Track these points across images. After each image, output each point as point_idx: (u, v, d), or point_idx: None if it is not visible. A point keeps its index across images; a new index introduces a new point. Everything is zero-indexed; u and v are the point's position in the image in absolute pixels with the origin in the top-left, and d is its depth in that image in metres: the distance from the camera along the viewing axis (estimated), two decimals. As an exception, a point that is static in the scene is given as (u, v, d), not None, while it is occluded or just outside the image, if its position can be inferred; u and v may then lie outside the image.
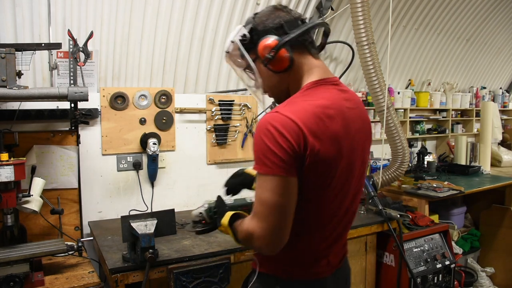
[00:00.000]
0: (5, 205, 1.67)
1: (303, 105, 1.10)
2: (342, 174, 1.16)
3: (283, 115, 1.06)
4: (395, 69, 4.03)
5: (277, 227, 1.08)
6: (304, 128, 1.05)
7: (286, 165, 1.04)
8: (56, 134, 2.14)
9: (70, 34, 2.14)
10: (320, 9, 3.07)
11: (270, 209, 1.07)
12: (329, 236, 1.25)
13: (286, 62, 1.18)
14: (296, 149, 1.04)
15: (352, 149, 1.18)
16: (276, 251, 1.12)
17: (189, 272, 1.75)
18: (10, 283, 1.57)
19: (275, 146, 1.04)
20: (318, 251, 1.24)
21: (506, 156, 4.47)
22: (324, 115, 1.10)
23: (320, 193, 1.15)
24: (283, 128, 1.04)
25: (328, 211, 1.20)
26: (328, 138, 1.09)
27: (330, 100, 1.15)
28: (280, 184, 1.05)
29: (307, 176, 1.09)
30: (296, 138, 1.04)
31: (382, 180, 2.85)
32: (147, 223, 1.69)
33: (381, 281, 2.53)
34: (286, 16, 1.21)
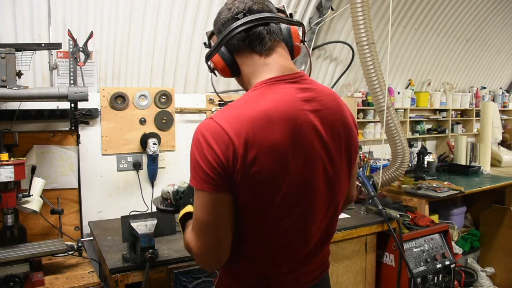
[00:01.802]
0: (5, 205, 1.67)
1: (240, 111, 0.97)
2: (292, 188, 1.00)
3: (216, 123, 0.95)
4: (395, 69, 4.03)
5: (211, 246, 1.00)
6: (236, 138, 0.92)
7: (213, 181, 0.94)
8: (56, 134, 2.14)
9: (70, 34, 2.14)
10: (320, 9, 3.07)
11: (202, 227, 0.99)
12: (295, 257, 1.10)
13: (226, 68, 1.10)
14: (224, 163, 0.92)
15: (308, 159, 1.01)
16: (215, 269, 1.06)
17: (189, 272, 1.75)
18: (10, 283, 1.57)
19: (202, 159, 0.94)
20: (282, 273, 1.10)
21: (506, 156, 4.47)
22: (263, 121, 0.95)
23: (267, 210, 1.00)
24: (212, 139, 0.93)
25: (283, 231, 1.04)
26: (266, 148, 0.94)
27: (278, 102, 0.99)
28: (208, 201, 0.96)
29: (244, 192, 0.96)
30: (225, 150, 0.92)
31: (382, 180, 2.85)
32: (147, 223, 1.69)
33: (381, 281, 2.53)
34: (225, 17, 1.10)
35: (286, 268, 1.10)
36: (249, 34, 1.06)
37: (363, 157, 3.32)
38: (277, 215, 1.02)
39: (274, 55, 1.08)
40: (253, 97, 1.01)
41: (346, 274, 2.36)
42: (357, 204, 2.75)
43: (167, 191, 1.39)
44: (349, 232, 2.30)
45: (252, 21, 1.05)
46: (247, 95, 1.03)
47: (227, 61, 1.09)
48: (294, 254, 1.10)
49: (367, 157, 3.35)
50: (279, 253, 1.08)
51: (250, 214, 1.00)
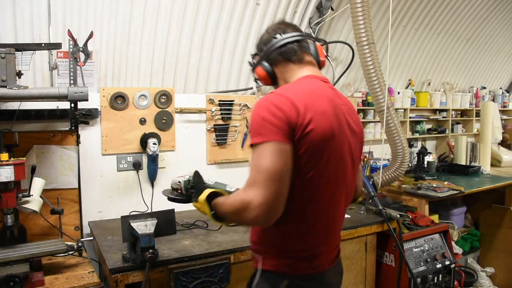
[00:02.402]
0: (5, 205, 1.67)
1: (294, 88, 1.24)
2: (334, 153, 1.21)
3: (277, 93, 1.19)
4: (395, 69, 4.03)
5: (276, 193, 1.10)
6: (297, 102, 1.15)
7: (281, 132, 1.12)
8: (56, 134, 2.14)
9: (70, 34, 2.14)
10: (320, 9, 3.07)
11: (269, 174, 1.10)
12: (327, 226, 1.30)
13: (267, 77, 1.38)
14: (290, 119, 1.13)
15: (341, 133, 1.24)
16: (272, 221, 1.13)
17: (189, 272, 1.75)
18: (10, 283, 1.58)
19: (271, 116, 1.13)
20: (318, 242, 1.28)
21: (506, 156, 4.47)
22: (313, 95, 1.21)
23: (316, 170, 1.19)
24: (278, 102, 1.15)
25: (325, 194, 1.24)
26: (319, 113, 1.17)
27: (319, 87, 1.27)
28: (277, 149, 1.11)
29: (300, 148, 1.15)
30: (289, 110, 1.14)
31: (382, 180, 2.85)
32: (147, 223, 1.70)
33: (381, 281, 2.53)
34: (265, 37, 1.40)
35: (322, 240, 1.29)
36: (286, 49, 1.34)
37: (363, 157, 3.32)
38: (326, 175, 1.21)
39: (307, 64, 1.36)
40: (299, 82, 1.29)
41: (346, 274, 2.36)
42: (357, 204, 2.75)
43: (178, 181, 1.49)
44: (349, 232, 2.30)
45: (285, 38, 1.35)
46: (293, 82, 1.30)
47: (268, 71, 1.37)
48: (328, 226, 1.29)
49: (367, 157, 3.35)
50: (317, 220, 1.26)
51: (301, 170, 1.16)
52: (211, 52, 2.81)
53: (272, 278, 1.27)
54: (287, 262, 1.25)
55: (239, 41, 2.88)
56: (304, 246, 1.26)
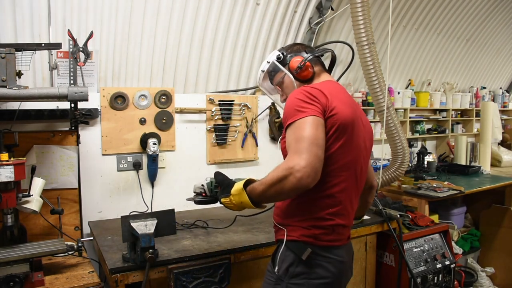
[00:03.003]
0: (5, 205, 1.67)
1: (319, 86, 1.43)
2: (351, 137, 1.41)
3: (307, 86, 1.43)
4: (395, 69, 4.03)
5: (318, 156, 1.26)
6: (324, 91, 1.39)
7: (317, 109, 1.34)
8: (56, 134, 2.14)
9: (70, 34, 2.14)
10: (320, 9, 3.07)
11: (310, 140, 1.27)
12: (345, 200, 1.45)
13: (310, 72, 1.57)
14: (321, 102, 1.36)
15: (357, 124, 1.45)
16: (314, 182, 1.26)
17: (189, 272, 1.75)
18: (10, 283, 1.58)
19: (307, 99, 1.35)
20: (339, 213, 1.44)
21: (506, 156, 4.47)
22: (336, 90, 1.46)
23: (338, 147, 1.38)
24: (311, 90, 1.38)
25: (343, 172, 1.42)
26: (341, 102, 1.40)
27: (338, 86, 1.54)
28: (316, 121, 1.31)
29: (328, 126, 1.35)
30: (320, 97, 1.37)
31: (382, 180, 2.85)
32: (147, 223, 1.69)
33: (381, 281, 2.53)
34: (303, 47, 1.66)
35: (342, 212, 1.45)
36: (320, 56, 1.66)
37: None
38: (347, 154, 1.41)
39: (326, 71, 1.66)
40: (323, 82, 1.53)
41: (346, 274, 2.36)
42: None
43: (201, 185, 1.62)
44: (349, 232, 2.30)
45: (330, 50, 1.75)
46: (318, 82, 1.53)
47: (313, 66, 1.60)
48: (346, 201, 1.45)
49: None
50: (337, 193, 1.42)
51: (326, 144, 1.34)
52: (211, 52, 2.81)
53: (296, 247, 1.42)
54: (311, 232, 1.41)
55: (239, 41, 2.88)
56: (327, 215, 1.41)
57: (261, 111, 2.98)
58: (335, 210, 1.43)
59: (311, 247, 1.41)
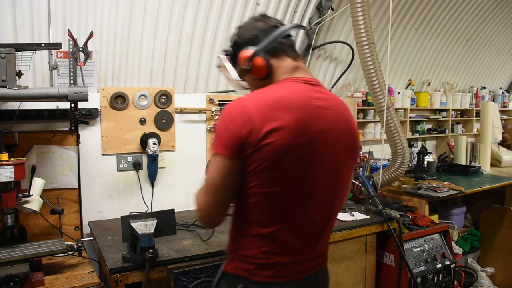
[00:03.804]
0: (5, 205, 1.67)
1: (262, 96, 1.17)
2: (294, 167, 1.14)
3: (241, 101, 1.15)
4: (395, 69, 4.03)
5: (213, 204, 1.17)
6: (255, 114, 1.10)
7: (230, 147, 1.11)
8: (56, 134, 2.14)
9: (70, 34, 2.14)
10: (320, 9, 3.07)
11: (211, 185, 1.16)
12: (294, 236, 1.22)
13: (264, 70, 1.24)
14: (242, 134, 1.09)
15: (311, 145, 1.15)
16: (211, 225, 1.24)
17: (189, 272, 1.75)
18: (10, 283, 1.57)
19: (225, 129, 1.12)
20: (280, 251, 1.21)
21: (506, 156, 4.47)
22: (280, 105, 1.13)
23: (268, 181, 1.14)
24: (236, 113, 1.12)
25: (282, 204, 1.17)
26: (278, 126, 1.10)
27: (294, 93, 1.18)
28: (222, 164, 1.13)
29: (252, 161, 1.11)
30: (243, 124, 1.09)
31: (382, 180, 2.85)
32: (147, 223, 1.69)
33: (381, 281, 2.53)
34: (262, 25, 1.28)
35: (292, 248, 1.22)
36: (287, 40, 1.28)
37: (363, 157, 3.32)
38: (278, 186, 1.15)
39: (301, 61, 1.30)
40: (275, 87, 1.21)
41: (346, 274, 2.36)
42: (357, 204, 2.75)
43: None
44: (349, 232, 2.30)
45: (295, 27, 1.30)
46: (272, 85, 1.23)
47: (268, 60, 1.24)
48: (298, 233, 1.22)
49: (367, 157, 3.35)
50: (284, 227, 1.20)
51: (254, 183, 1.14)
52: (211, 52, 2.81)
53: (230, 280, 1.26)
54: (245, 266, 1.22)
55: (239, 41, 2.88)
56: (260, 254, 1.20)
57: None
58: (271, 249, 1.20)
59: (245, 283, 1.21)
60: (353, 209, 2.63)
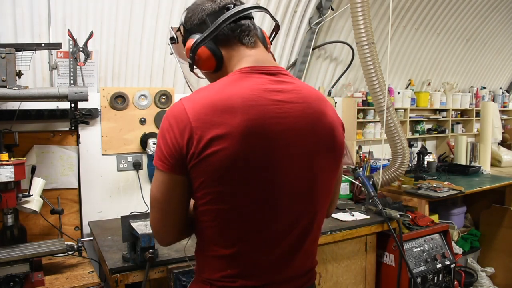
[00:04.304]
0: (5, 205, 1.67)
1: (206, 94, 0.98)
2: (248, 178, 0.96)
3: (181, 104, 0.97)
4: (395, 69, 4.03)
5: (158, 222, 1.04)
6: (194, 120, 0.93)
7: (168, 161, 0.96)
8: (56, 134, 2.14)
9: (70, 34, 2.14)
10: (320, 9, 3.07)
11: (153, 202, 1.03)
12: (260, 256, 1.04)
13: (212, 61, 1.06)
14: (181, 144, 0.93)
15: (269, 150, 0.97)
16: (163, 243, 1.09)
17: (189, 272, 1.74)
18: (10, 283, 1.58)
19: (162, 139, 0.97)
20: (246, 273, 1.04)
21: (506, 156, 4.47)
22: (224, 106, 0.94)
23: (219, 196, 0.97)
24: (174, 121, 0.95)
25: (240, 222, 1.00)
26: (223, 132, 0.92)
27: (243, 89, 0.97)
28: (161, 179, 0.99)
29: (199, 174, 0.95)
30: (182, 132, 0.93)
31: (382, 180, 2.85)
32: (147, 223, 1.70)
33: (381, 281, 2.53)
34: (210, 7, 1.07)
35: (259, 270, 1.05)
36: (239, 25, 1.06)
37: (363, 157, 3.32)
38: (231, 202, 0.98)
39: (258, 48, 1.09)
40: (223, 83, 1.01)
41: (346, 274, 2.36)
42: (357, 204, 2.75)
43: None
44: (349, 232, 2.30)
45: (248, 9, 1.07)
46: (219, 81, 1.03)
47: (215, 52, 1.06)
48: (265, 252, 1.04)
49: (367, 157, 3.35)
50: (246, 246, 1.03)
51: (205, 199, 0.98)
52: (211, 52, 2.81)
53: None
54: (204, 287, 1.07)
55: (239, 41, 2.87)
56: (222, 278, 1.04)
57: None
58: (234, 272, 1.03)
59: None
60: (353, 209, 2.63)
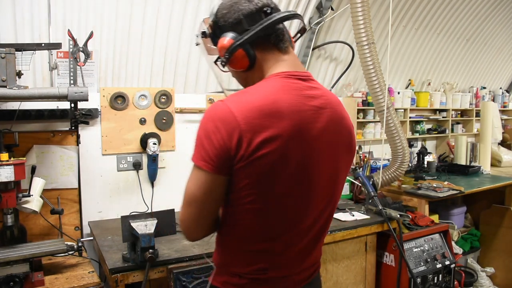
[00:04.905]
0: (5, 205, 1.67)
1: (250, 98, 1.00)
2: (291, 179, 1.03)
3: (226, 106, 0.97)
4: (395, 69, 4.03)
5: (192, 220, 1.06)
6: (243, 123, 0.95)
7: (213, 162, 0.97)
8: (56, 134, 2.14)
9: (70, 34, 2.14)
10: (320, 9, 3.07)
11: (189, 200, 1.05)
12: (291, 248, 1.12)
13: (246, 62, 1.09)
14: (229, 146, 0.95)
15: (309, 153, 1.03)
16: (193, 239, 1.11)
17: (189, 272, 1.75)
18: (10, 283, 1.58)
19: (207, 140, 0.97)
20: (276, 264, 1.12)
21: (506, 156, 4.47)
22: (271, 110, 0.98)
23: (263, 196, 1.02)
24: (220, 122, 0.96)
25: (279, 219, 1.07)
26: (271, 136, 0.96)
27: (286, 94, 1.02)
28: (203, 179, 1.00)
29: (245, 176, 0.99)
30: (231, 134, 0.95)
31: (382, 180, 2.85)
32: (147, 223, 1.69)
33: (381, 281, 2.53)
34: (247, 8, 1.08)
35: (287, 262, 1.13)
36: (275, 29, 1.09)
37: (363, 157, 3.32)
38: (277, 201, 1.04)
39: (290, 53, 1.13)
40: (265, 87, 1.04)
41: (346, 274, 2.36)
42: (357, 204, 2.75)
43: None
44: (349, 232, 2.30)
45: (288, 17, 1.09)
46: (259, 84, 1.06)
47: (250, 54, 1.09)
48: (294, 245, 1.12)
49: (367, 157, 3.35)
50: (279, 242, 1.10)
51: (248, 198, 1.02)
52: (211, 52, 2.81)
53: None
54: (236, 281, 1.11)
55: (239, 41, 2.87)
56: (253, 272, 1.10)
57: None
58: (265, 266, 1.10)
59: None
60: (353, 209, 2.63)
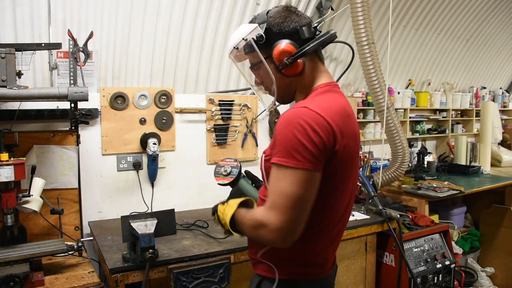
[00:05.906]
0: (5, 205, 1.67)
1: (328, 104, 1.14)
2: (353, 171, 1.23)
3: (313, 111, 1.08)
4: (395, 69, 4.03)
5: (296, 221, 1.08)
6: (334, 124, 1.09)
7: (316, 160, 1.07)
8: (56, 134, 2.14)
9: (70, 34, 2.14)
10: (320, 9, 3.07)
11: (293, 202, 1.06)
12: (335, 235, 1.30)
13: (300, 68, 1.21)
14: (327, 145, 1.07)
15: (353, 153, 1.21)
16: (288, 244, 1.11)
17: (189, 272, 1.75)
18: (10, 283, 1.58)
19: (307, 141, 1.05)
20: (327, 250, 1.29)
21: (506, 156, 4.47)
22: (345, 114, 1.16)
23: (337, 190, 1.19)
24: (315, 124, 1.06)
25: (339, 209, 1.25)
26: (350, 136, 1.15)
27: (343, 101, 1.22)
28: (307, 178, 1.07)
29: (332, 172, 1.12)
30: (326, 134, 1.07)
31: (382, 180, 2.85)
32: (147, 223, 1.69)
33: (381, 281, 2.53)
34: (300, 20, 1.22)
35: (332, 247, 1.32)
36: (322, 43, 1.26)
37: (363, 157, 3.32)
38: (342, 192, 1.22)
39: (325, 65, 1.31)
40: (326, 95, 1.20)
41: (346, 274, 2.36)
42: (357, 204, 2.75)
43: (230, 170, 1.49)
44: (349, 232, 2.30)
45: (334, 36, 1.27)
46: (319, 94, 1.21)
47: (304, 62, 1.22)
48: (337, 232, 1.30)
49: (367, 157, 3.35)
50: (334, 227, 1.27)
51: (323, 190, 1.13)
52: (211, 52, 2.81)
53: (287, 287, 1.26)
54: (302, 270, 1.25)
55: (239, 41, 2.87)
56: (317, 254, 1.27)
57: (261, 111, 2.98)
58: (327, 255, 1.30)
59: (303, 285, 1.26)
60: (353, 209, 2.63)
